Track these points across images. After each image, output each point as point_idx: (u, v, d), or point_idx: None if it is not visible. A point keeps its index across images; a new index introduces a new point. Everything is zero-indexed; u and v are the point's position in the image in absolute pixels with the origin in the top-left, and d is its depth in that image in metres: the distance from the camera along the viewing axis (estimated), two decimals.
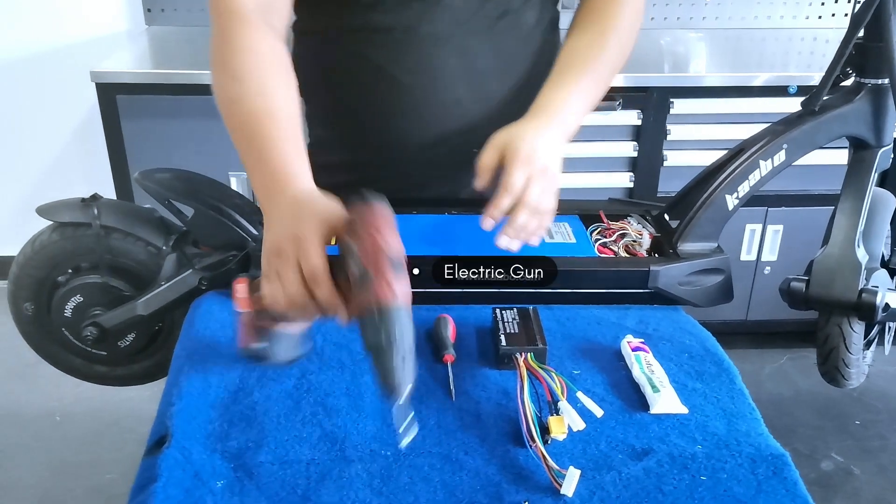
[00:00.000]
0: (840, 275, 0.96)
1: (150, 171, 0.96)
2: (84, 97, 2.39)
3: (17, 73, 2.62)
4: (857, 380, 1.05)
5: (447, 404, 0.76)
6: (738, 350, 2.42)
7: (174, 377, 0.80)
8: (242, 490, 0.66)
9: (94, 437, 2.16)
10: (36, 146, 2.74)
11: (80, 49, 2.58)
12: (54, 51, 2.61)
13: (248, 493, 0.65)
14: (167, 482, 0.65)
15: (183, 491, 0.65)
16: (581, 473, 0.66)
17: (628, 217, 1.03)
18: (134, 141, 2.15)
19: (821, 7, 2.68)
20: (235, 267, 0.93)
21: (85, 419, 2.22)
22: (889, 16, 0.93)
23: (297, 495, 0.65)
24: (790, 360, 2.53)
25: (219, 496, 0.65)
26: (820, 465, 2.12)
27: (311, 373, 0.80)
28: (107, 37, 2.58)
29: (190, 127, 2.09)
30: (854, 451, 2.17)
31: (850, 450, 2.18)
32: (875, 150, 1.01)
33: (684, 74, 2.26)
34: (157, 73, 2.12)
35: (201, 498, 0.65)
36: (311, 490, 0.66)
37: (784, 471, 0.69)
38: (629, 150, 2.25)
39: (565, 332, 0.88)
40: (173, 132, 2.11)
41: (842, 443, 2.20)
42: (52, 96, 2.65)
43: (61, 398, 2.28)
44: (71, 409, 2.25)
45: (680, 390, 0.78)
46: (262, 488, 0.66)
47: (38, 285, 1.00)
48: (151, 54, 2.37)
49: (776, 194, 2.31)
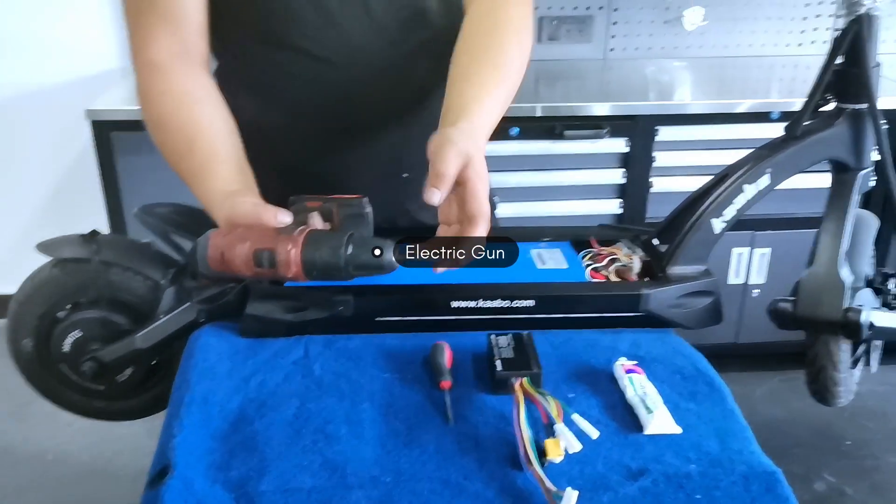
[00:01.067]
0: (825, 295, 0.97)
1: (150, 205, 0.97)
2: (79, 134, 2.40)
3: (13, 111, 2.64)
4: (846, 398, 1.07)
5: (445, 430, 0.77)
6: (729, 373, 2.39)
7: (174, 409, 0.80)
8: None
9: (87, 475, 2.15)
10: (31, 183, 2.74)
11: (75, 87, 2.60)
12: (49, 89, 2.63)
13: None
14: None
15: None
16: (579, 494, 0.67)
17: (618, 242, 1.04)
18: (128, 177, 2.16)
19: (801, 35, 2.72)
20: (233, 299, 0.93)
21: (78, 458, 2.20)
22: (865, 43, 0.95)
23: None
24: (781, 381, 2.54)
25: None
26: (813, 485, 2.12)
27: (310, 401, 0.80)
28: (100, 74, 2.60)
29: None
30: (847, 472, 2.18)
31: (843, 470, 2.18)
32: (856, 172, 1.02)
33: (669, 102, 2.30)
34: None
35: None
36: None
37: (777, 488, 0.70)
38: (617, 177, 2.28)
39: (560, 356, 0.88)
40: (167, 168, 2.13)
41: (835, 463, 2.21)
42: (46, 134, 2.66)
43: (54, 436, 2.26)
44: (64, 448, 2.23)
45: (673, 410, 0.79)
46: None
47: (37, 321, 1.00)
48: None
49: (762, 218, 2.34)
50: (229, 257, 0.79)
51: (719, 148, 2.19)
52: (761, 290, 2.41)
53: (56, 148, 2.68)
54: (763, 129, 2.13)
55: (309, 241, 0.78)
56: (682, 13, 2.65)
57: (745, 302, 2.43)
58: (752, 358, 2.57)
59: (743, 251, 2.37)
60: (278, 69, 1.01)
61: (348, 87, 1.02)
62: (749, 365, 2.58)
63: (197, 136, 0.91)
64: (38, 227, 2.74)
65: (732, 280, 2.39)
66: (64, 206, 2.76)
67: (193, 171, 0.90)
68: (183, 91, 0.93)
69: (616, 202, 2.30)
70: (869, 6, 0.93)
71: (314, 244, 0.78)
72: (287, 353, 0.88)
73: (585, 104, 2.19)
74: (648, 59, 2.68)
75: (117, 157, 2.14)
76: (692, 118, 2.24)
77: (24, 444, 2.26)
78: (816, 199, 1.05)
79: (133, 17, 0.95)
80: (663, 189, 2.28)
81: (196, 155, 0.90)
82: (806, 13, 2.70)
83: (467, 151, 0.77)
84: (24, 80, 2.61)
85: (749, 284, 2.42)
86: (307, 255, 0.77)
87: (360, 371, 0.85)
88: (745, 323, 2.46)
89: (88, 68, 2.61)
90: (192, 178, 0.90)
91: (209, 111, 0.93)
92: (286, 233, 0.79)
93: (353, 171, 1.06)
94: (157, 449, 0.75)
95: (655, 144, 2.25)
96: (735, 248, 2.37)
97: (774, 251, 2.38)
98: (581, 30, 2.64)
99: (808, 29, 2.72)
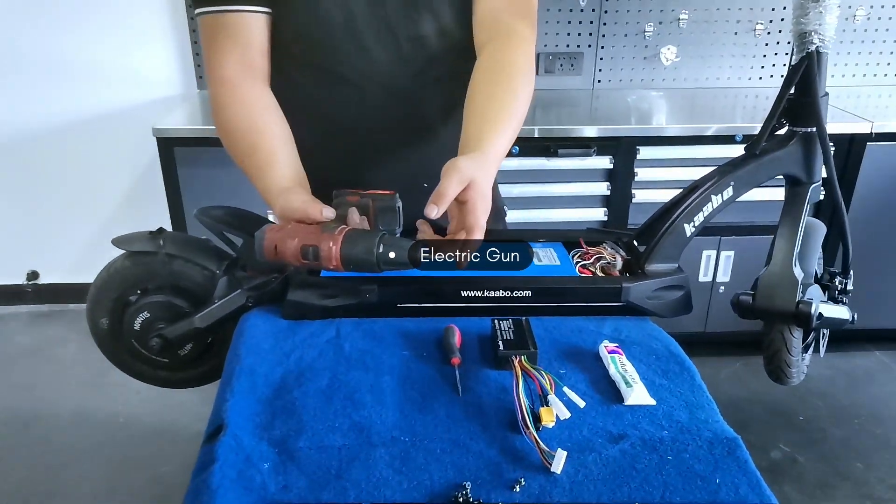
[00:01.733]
0: (780, 289, 0.97)
1: (206, 208, 0.98)
2: (146, 149, 2.43)
3: (93, 129, 2.67)
4: (797, 378, 1.06)
5: (455, 399, 0.77)
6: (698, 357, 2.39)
7: (227, 378, 0.80)
8: (285, 470, 0.67)
9: (152, 435, 2.17)
10: (107, 190, 2.77)
11: (144, 109, 2.63)
12: (123, 110, 2.66)
13: (290, 473, 0.66)
14: (223, 464, 0.66)
15: (236, 471, 0.66)
16: (567, 454, 0.67)
17: (604, 243, 1.04)
18: (188, 185, 2.17)
19: (761, 70, 2.72)
20: (277, 287, 0.94)
21: (144, 420, 2.23)
22: (815, 76, 0.94)
23: (331, 475, 0.66)
24: (743, 365, 2.53)
25: (266, 475, 0.66)
26: (770, 454, 2.11)
27: (340, 373, 0.81)
28: (165, 98, 2.63)
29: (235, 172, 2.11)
30: (799, 443, 2.17)
31: (796, 441, 2.17)
32: (807, 185, 1.02)
33: (649, 126, 2.29)
34: (207, 129, 2.16)
35: (252, 477, 0.66)
36: (343, 470, 0.67)
37: (737, 451, 0.70)
38: (603, 189, 2.27)
39: (553, 338, 0.89)
40: (221, 177, 2.14)
41: (788, 435, 2.20)
42: (120, 148, 2.69)
43: (126, 402, 2.28)
44: (133, 412, 2.26)
45: (649, 385, 0.79)
46: (302, 468, 0.67)
47: (112, 304, 1.01)
48: (202, 113, 2.41)
49: (728, 225, 2.33)
50: (281, 250, 0.81)
51: (691, 165, 2.19)
52: (726, 286, 2.40)
53: (128, 160, 2.71)
54: (729, 150, 2.10)
55: (347, 239, 0.79)
56: (659, 50, 2.65)
57: (712, 296, 2.42)
58: (718, 344, 2.57)
59: (711, 253, 2.37)
60: (317, 91, 1.02)
61: (376, 111, 1.03)
62: (715, 350, 2.57)
63: (259, 139, 0.93)
64: (112, 226, 2.76)
65: (702, 278, 2.39)
66: (134, 208, 2.79)
67: (255, 168, 0.92)
68: (249, 102, 0.96)
69: (602, 211, 2.30)
70: (818, 44, 0.93)
71: (351, 242, 0.79)
72: (321, 334, 0.88)
73: (576, 127, 2.19)
74: (630, 90, 2.68)
75: (179, 168, 2.15)
76: (668, 140, 2.23)
77: (100, 408, 2.28)
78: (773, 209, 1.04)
79: (209, 40, 0.97)
80: (643, 200, 2.27)
81: (258, 155, 0.92)
82: (766, 51, 2.69)
83: (471, 176, 0.78)
84: (102, 102, 2.64)
85: (716, 282, 2.41)
86: (345, 251, 0.79)
87: (383, 349, 0.86)
88: (713, 314, 2.45)
89: (156, 93, 2.63)
90: (254, 175, 0.92)
91: (270, 119, 0.95)
92: (328, 231, 0.80)
93: (380, 183, 1.06)
94: (213, 411, 0.75)
95: (636, 162, 2.25)
96: (705, 250, 2.36)
97: (738, 253, 2.38)
98: (573, 64, 2.64)
99: (767, 65, 2.71)
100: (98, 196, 2.77)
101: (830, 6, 0.92)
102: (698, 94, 2.67)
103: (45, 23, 2.51)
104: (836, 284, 1.10)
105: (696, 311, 2.44)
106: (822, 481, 2.02)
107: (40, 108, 2.62)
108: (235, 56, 0.96)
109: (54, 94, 2.61)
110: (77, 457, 2.07)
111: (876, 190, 2.36)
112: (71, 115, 2.64)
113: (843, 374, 2.52)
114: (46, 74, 2.58)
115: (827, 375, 2.50)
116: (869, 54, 2.73)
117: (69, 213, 2.79)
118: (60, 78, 2.59)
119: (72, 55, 2.56)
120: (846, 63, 2.74)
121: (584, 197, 2.29)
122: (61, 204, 2.77)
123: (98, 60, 2.58)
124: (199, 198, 2.17)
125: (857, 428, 2.25)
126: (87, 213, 2.79)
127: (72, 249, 2.84)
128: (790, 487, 1.99)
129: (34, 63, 2.56)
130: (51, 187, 2.75)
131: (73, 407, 2.29)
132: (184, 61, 2.59)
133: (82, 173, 2.73)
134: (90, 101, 2.63)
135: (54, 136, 2.66)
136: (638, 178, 2.26)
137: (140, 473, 2.00)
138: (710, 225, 0.99)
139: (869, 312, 2.54)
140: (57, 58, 2.56)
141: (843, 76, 2.76)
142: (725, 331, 2.46)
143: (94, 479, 1.99)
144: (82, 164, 2.71)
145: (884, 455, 2.13)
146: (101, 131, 2.66)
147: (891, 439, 2.20)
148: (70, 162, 2.71)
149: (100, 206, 2.79)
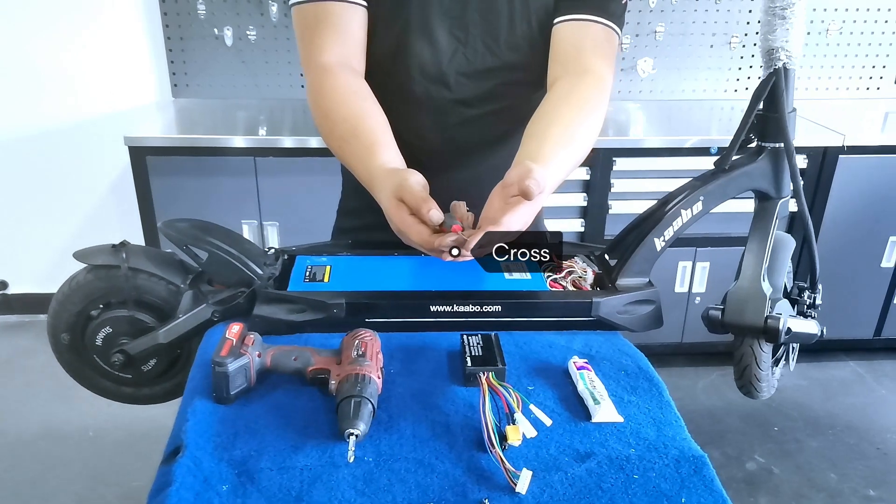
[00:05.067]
0: (749, 304, 0.97)
1: (171, 220, 0.96)
2: (119, 158, 2.40)
3: (65, 137, 2.64)
4: (767, 392, 1.06)
5: (421, 417, 0.76)
6: (675, 368, 2.43)
7: (189, 396, 0.79)
8: (245, 492, 0.65)
9: (123, 449, 2.13)
10: (78, 199, 2.74)
11: (116, 117, 2.60)
12: (95, 119, 2.63)
13: (249, 495, 0.65)
14: (180, 486, 0.65)
15: (194, 494, 0.65)
16: (533, 474, 0.67)
17: (575, 257, 1.04)
18: (161, 195, 2.15)
19: (736, 83, 2.75)
20: (243, 302, 0.92)
21: (114, 435, 2.19)
22: (782, 92, 0.95)
23: (292, 497, 0.65)
24: (720, 376, 2.54)
25: (224, 498, 0.65)
26: (745, 465, 2.12)
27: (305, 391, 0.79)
28: (139, 107, 2.60)
29: (209, 183, 2.10)
30: (774, 453, 2.18)
31: (771, 452, 2.19)
32: (776, 200, 1.02)
33: (625, 137, 2.31)
34: (182, 138, 2.14)
35: (210, 500, 0.64)
36: (304, 492, 0.65)
37: (703, 470, 0.70)
38: (580, 200, 2.28)
39: (522, 354, 0.88)
40: (195, 188, 2.12)
41: (764, 446, 2.21)
42: (91, 157, 2.66)
43: (96, 416, 2.25)
44: (103, 426, 2.22)
45: (617, 402, 0.79)
46: (262, 490, 0.65)
47: (74, 318, 0.99)
48: (177, 122, 2.39)
49: (703, 237, 2.35)
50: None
51: (667, 177, 2.21)
52: (702, 297, 2.42)
53: (100, 169, 2.67)
54: (704, 162, 2.13)
55: None
56: (636, 62, 2.67)
57: (689, 307, 2.44)
58: (695, 356, 2.58)
59: (687, 264, 2.38)
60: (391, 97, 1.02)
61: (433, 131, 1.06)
62: (692, 361, 2.58)
63: (360, 124, 0.92)
64: (84, 235, 2.73)
65: (678, 289, 2.40)
66: (106, 218, 2.75)
67: (357, 153, 0.90)
68: (348, 89, 0.95)
69: (579, 221, 2.31)
70: (785, 61, 0.93)
71: None
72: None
73: None
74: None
75: (152, 178, 2.13)
76: (644, 151, 2.25)
77: (70, 421, 2.24)
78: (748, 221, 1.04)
79: (310, 28, 0.98)
80: (620, 211, 2.29)
81: (360, 139, 0.90)
82: (740, 64, 2.72)
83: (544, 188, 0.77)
84: (74, 110, 2.61)
85: (692, 292, 2.42)
86: None
87: None
88: (689, 325, 2.46)
89: (129, 101, 2.61)
90: (356, 160, 0.90)
91: (370, 105, 0.95)
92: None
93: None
94: (173, 430, 0.74)
95: (613, 173, 2.26)
96: (681, 261, 2.37)
97: (713, 265, 2.39)
98: None
99: (742, 77, 2.75)
100: (69, 205, 2.73)
101: (797, 23, 0.92)
102: (675, 106, 2.69)
103: (16, 29, 2.48)
104: (805, 299, 1.11)
105: (673, 322, 2.45)
106: (797, 492, 2.03)
107: (11, 116, 2.59)
108: (337, 45, 0.97)
109: (25, 101, 2.57)
110: (45, 471, 2.02)
111: (848, 202, 2.39)
112: (42, 123, 2.61)
113: (819, 384, 2.55)
114: (17, 82, 2.54)
115: (802, 386, 2.52)
116: (842, 68, 2.78)
117: (40, 223, 2.74)
118: (32, 85, 2.55)
119: (43, 62, 2.53)
120: (819, 77, 2.79)
121: (561, 208, 2.30)
122: (32, 213, 2.73)
123: (70, 67, 2.55)
124: (172, 207, 2.15)
125: (832, 438, 2.27)
126: (58, 223, 2.75)
127: (42, 259, 2.80)
128: (766, 500, 2.00)
129: (4, 70, 2.52)
130: (21, 196, 2.70)
131: (41, 420, 2.25)
132: (158, 69, 2.57)
133: (54, 182, 2.69)
134: (62, 109, 2.60)
135: (25, 145, 2.63)
136: (614, 189, 2.27)
137: (110, 489, 1.97)
138: (686, 236, 0.99)
139: (844, 323, 2.58)
140: (28, 65, 2.53)
141: (816, 89, 2.80)
142: (702, 341, 2.46)
143: (64, 494, 1.95)
144: (54, 173, 2.68)
145: (857, 465, 2.15)
146: (73, 140, 2.63)
147: (865, 449, 2.22)
148: (41, 171, 2.67)
149: (71, 216, 2.75)
